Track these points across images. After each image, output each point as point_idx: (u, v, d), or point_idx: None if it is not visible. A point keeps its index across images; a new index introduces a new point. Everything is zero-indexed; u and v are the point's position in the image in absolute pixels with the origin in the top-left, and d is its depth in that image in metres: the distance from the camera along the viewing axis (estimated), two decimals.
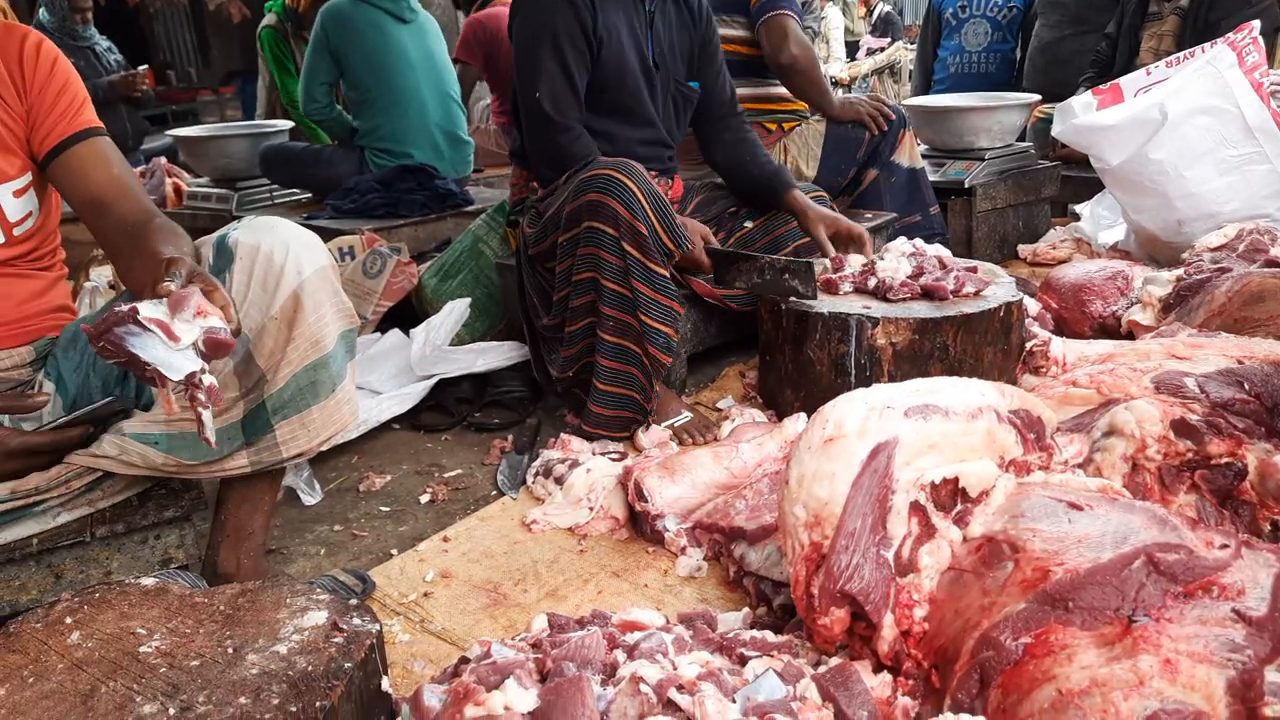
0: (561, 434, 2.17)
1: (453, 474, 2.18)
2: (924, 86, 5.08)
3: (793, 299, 2.11)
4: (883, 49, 9.50)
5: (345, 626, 1.14)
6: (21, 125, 1.38)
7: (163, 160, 4.27)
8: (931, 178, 3.24)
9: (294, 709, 0.99)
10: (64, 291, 1.53)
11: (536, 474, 2.06)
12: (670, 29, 2.43)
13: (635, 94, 2.35)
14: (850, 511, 1.19)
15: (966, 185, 3.26)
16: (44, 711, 1.02)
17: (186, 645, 1.12)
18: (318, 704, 1.00)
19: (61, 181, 1.42)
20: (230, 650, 1.10)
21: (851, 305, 2.04)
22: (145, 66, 4.89)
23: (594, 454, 2.08)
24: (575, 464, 2.01)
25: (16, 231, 1.39)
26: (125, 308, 1.10)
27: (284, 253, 1.38)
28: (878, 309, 2.02)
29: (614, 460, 2.03)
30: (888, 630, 1.18)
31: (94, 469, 1.36)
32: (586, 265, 2.10)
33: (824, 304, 2.05)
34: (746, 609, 1.53)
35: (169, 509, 1.49)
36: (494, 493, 2.07)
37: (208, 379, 1.12)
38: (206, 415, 1.13)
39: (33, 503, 1.33)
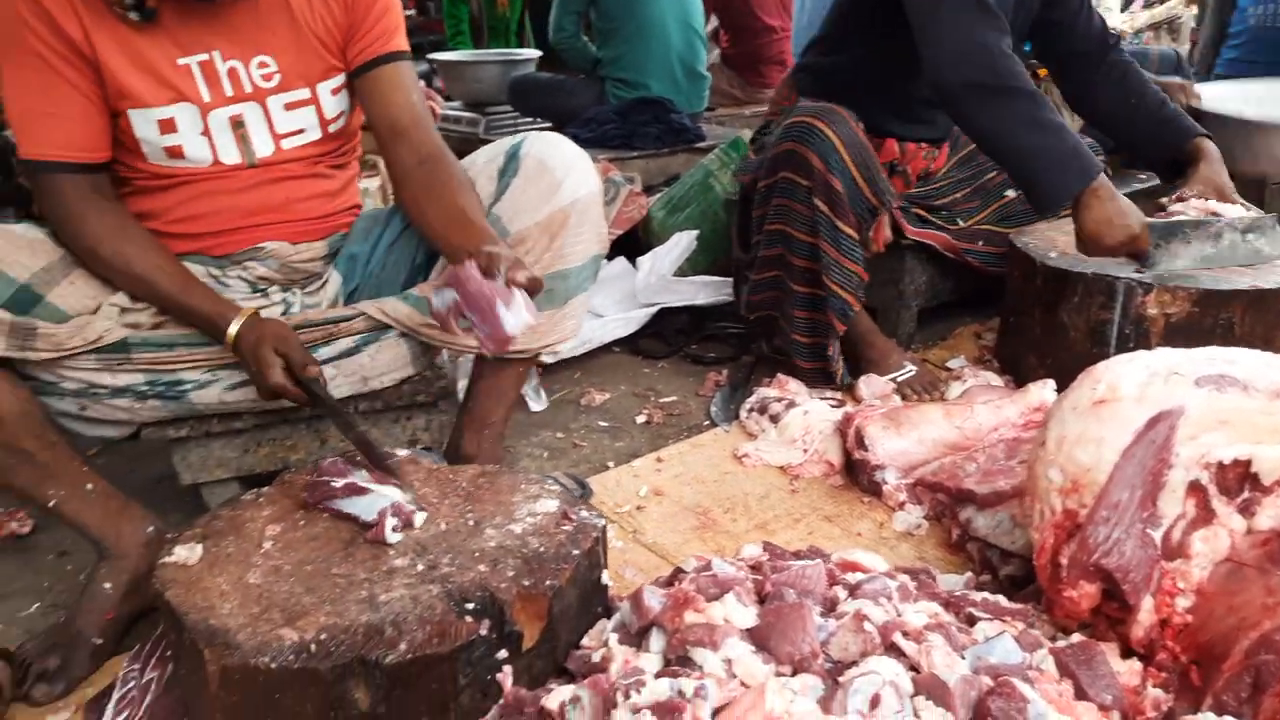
0: (779, 374, 2.14)
1: (668, 400, 2.20)
2: (1214, 44, 4.47)
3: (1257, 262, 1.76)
4: (1162, 1, 8.47)
5: (574, 518, 1.18)
6: (340, 34, 1.47)
7: (421, 84, 4.56)
8: None
9: (526, 583, 1.04)
10: (355, 190, 1.66)
11: (751, 410, 2.04)
12: None
13: None
14: (1117, 481, 1.08)
15: None
16: (311, 551, 1.13)
17: (432, 512, 1.20)
18: (547, 582, 1.04)
19: (364, 98, 1.51)
20: (471, 523, 1.17)
21: (1120, 267, 1.84)
22: None
23: (811, 396, 2.03)
24: (792, 404, 1.97)
25: (331, 129, 1.51)
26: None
27: (565, 171, 1.46)
28: (1151, 274, 1.81)
29: (832, 406, 1.98)
30: (1145, 615, 1.08)
31: (360, 318, 1.48)
32: (779, 216, 2.02)
33: (1088, 264, 1.87)
34: (969, 574, 1.44)
35: (420, 394, 1.60)
36: (706, 423, 2.08)
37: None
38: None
39: (309, 341, 1.45)
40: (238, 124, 1.41)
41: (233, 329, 1.35)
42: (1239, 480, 1.11)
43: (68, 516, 1.35)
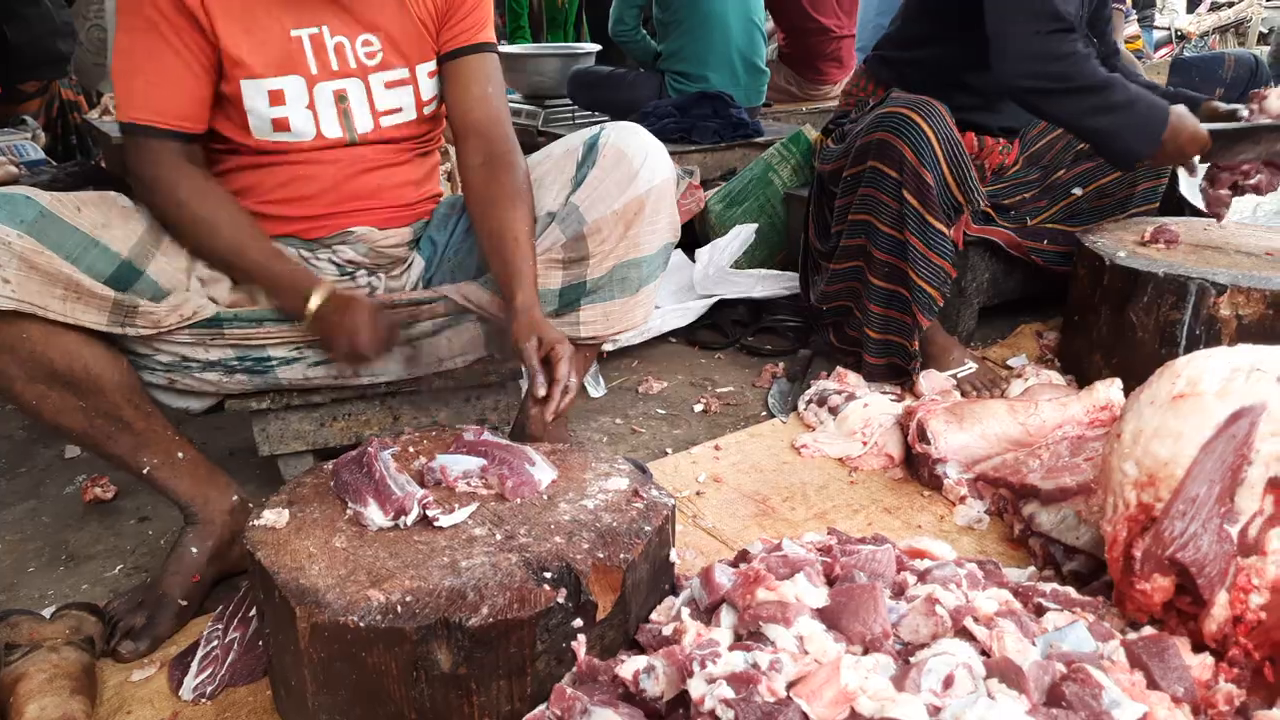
0: (838, 367, 2.14)
1: (724, 390, 2.22)
2: None
3: None
4: (1231, 3, 8.24)
5: (644, 495, 1.21)
6: (435, 21, 1.51)
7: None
8: None
9: (601, 555, 1.06)
10: (438, 177, 1.70)
11: (809, 401, 2.05)
12: None
13: None
14: (1195, 476, 1.08)
15: None
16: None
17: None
18: (621, 555, 1.07)
19: (446, 85, 1.54)
20: (545, 497, 1.20)
21: (1192, 267, 1.82)
22: None
23: (870, 390, 2.04)
24: (851, 397, 1.98)
25: (426, 110, 1.54)
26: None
27: (641, 159, 1.48)
28: (1227, 274, 1.78)
29: (893, 400, 1.98)
30: (1219, 610, 1.07)
31: (442, 300, 1.53)
32: (864, 207, 2.01)
33: (1159, 264, 1.85)
34: (1032, 568, 1.44)
35: (490, 374, 1.64)
36: (763, 414, 2.09)
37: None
38: None
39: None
40: (341, 98, 1.44)
41: (316, 298, 1.37)
42: None
43: (159, 483, 1.41)
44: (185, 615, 1.40)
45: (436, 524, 1.12)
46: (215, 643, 1.31)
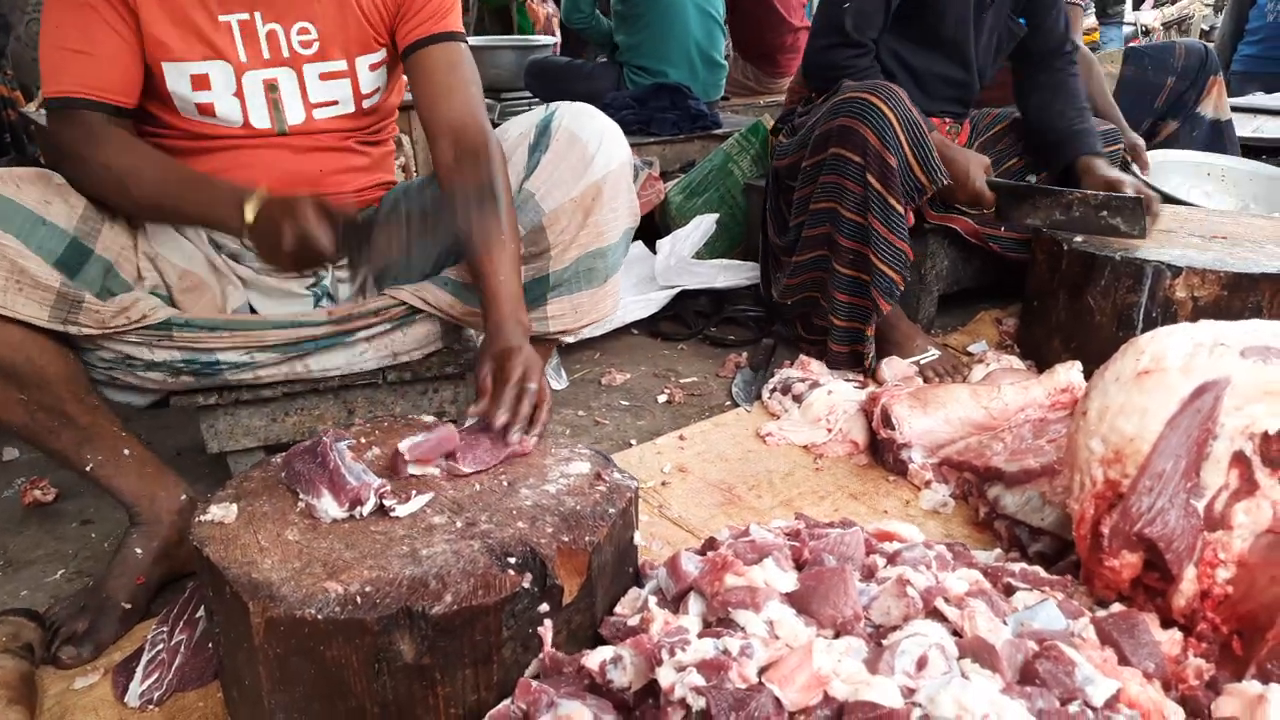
0: (801, 355, 2.14)
1: (688, 380, 2.20)
2: (1232, 40, 4.47)
3: (1114, 236, 1.91)
4: (1173, 1, 8.46)
5: (607, 478, 1.18)
6: (390, 12, 1.44)
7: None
8: (1241, 133, 2.86)
9: (566, 539, 1.03)
10: (391, 166, 1.64)
11: (773, 390, 2.03)
12: None
13: (959, 26, 2.14)
14: (1161, 451, 1.08)
15: None
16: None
17: (465, 475, 1.19)
18: (586, 538, 1.04)
19: (412, 77, 1.48)
20: (505, 483, 1.16)
21: (1148, 250, 1.84)
22: None
23: (834, 377, 2.03)
24: (815, 384, 1.97)
25: (365, 104, 1.48)
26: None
27: (597, 143, 1.44)
28: (1181, 256, 1.81)
29: (856, 388, 1.97)
30: (1187, 585, 1.07)
31: (400, 306, 1.48)
32: (826, 194, 2.01)
33: (1115, 248, 1.86)
34: (998, 551, 1.44)
35: (449, 366, 1.60)
36: (727, 403, 2.08)
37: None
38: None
39: (349, 329, 1.45)
40: (271, 88, 1.39)
41: (251, 207, 1.26)
42: None
43: (103, 480, 1.35)
44: (130, 619, 1.34)
45: (393, 514, 1.08)
46: (161, 646, 1.25)
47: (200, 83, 1.35)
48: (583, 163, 1.44)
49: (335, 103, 1.45)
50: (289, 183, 1.44)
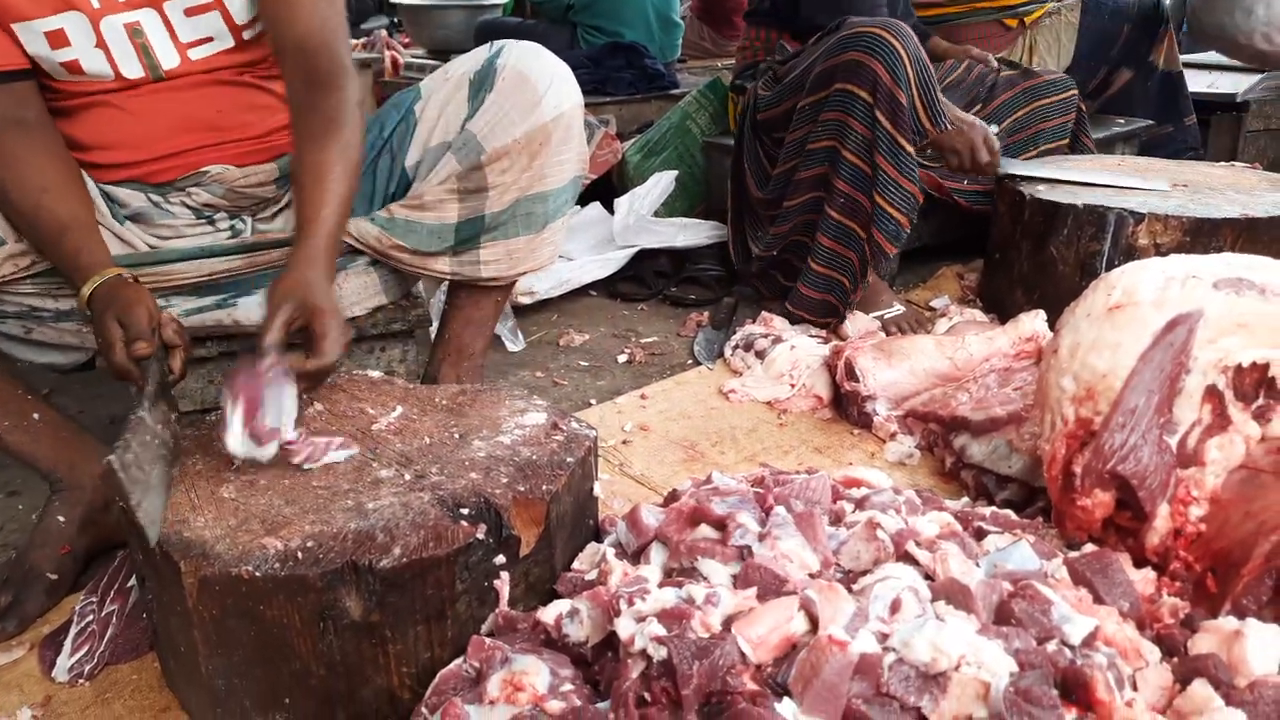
0: (763, 311, 2.09)
1: (649, 340, 2.15)
2: None
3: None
4: None
5: (564, 428, 1.12)
6: None
7: (383, 33, 4.40)
8: (1193, 88, 2.86)
9: (522, 489, 0.98)
10: None
11: (736, 347, 1.99)
12: None
13: None
14: (1133, 387, 1.05)
15: (1239, 99, 2.86)
16: (287, 465, 1.05)
17: (414, 427, 1.13)
18: (544, 487, 0.98)
19: (260, 5, 1.29)
20: (457, 435, 1.10)
21: (1110, 198, 1.82)
22: None
23: (797, 332, 1.99)
24: (778, 340, 1.93)
25: (245, 35, 1.31)
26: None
27: (546, 84, 1.36)
28: (1143, 203, 1.79)
29: (819, 343, 1.93)
30: (1161, 523, 1.05)
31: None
32: (827, 133, 1.93)
33: (1079, 195, 1.84)
34: (965, 499, 1.41)
35: (395, 323, 1.52)
36: (689, 362, 2.03)
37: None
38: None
39: (268, 264, 1.35)
40: (135, 32, 1.25)
41: (86, 290, 1.13)
42: (1255, 386, 1.09)
43: (14, 448, 1.25)
44: (57, 591, 1.25)
45: (305, 468, 1.03)
46: (91, 617, 1.17)
47: (58, 39, 1.21)
48: (531, 103, 1.35)
49: (210, 39, 1.30)
50: (186, 131, 1.32)
